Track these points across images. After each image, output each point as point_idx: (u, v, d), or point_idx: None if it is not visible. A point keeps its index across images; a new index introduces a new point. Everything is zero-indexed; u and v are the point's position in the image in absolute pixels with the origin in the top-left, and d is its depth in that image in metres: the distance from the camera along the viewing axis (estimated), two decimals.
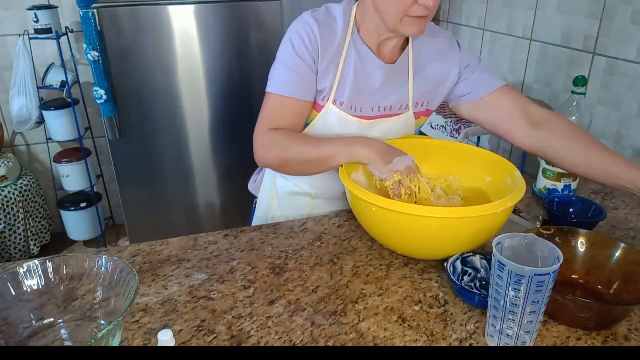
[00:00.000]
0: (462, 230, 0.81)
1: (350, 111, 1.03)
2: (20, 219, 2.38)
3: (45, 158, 2.64)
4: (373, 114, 1.05)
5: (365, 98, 1.03)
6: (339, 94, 1.01)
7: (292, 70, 0.98)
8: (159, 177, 2.23)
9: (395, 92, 1.05)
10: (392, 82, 1.04)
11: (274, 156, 1.00)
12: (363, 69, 1.01)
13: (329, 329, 0.74)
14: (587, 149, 0.99)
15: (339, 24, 1.00)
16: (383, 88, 1.03)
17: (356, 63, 1.01)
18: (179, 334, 0.73)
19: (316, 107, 1.03)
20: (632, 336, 0.72)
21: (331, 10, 1.01)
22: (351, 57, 1.00)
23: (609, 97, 1.71)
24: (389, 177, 0.91)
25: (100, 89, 1.95)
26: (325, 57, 0.99)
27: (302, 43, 0.97)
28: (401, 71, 1.05)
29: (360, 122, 1.04)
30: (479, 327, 0.74)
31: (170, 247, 0.96)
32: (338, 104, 1.02)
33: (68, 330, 0.71)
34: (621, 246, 0.80)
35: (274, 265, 0.90)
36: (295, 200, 1.16)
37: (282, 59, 1.00)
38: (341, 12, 1.01)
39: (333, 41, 0.99)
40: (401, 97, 1.06)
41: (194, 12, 2.00)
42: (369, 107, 1.04)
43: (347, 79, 1.01)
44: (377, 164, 0.92)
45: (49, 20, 2.21)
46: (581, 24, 1.79)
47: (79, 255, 0.73)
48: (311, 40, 0.97)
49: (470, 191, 1.02)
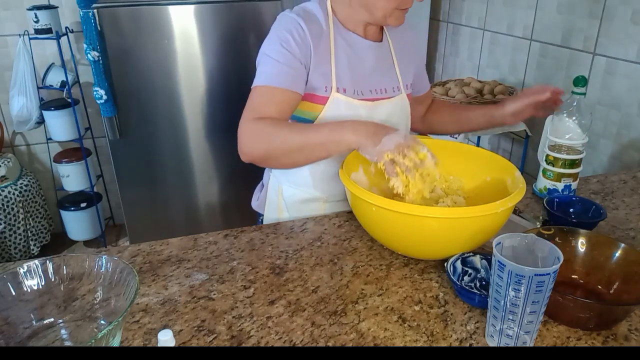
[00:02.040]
0: (462, 230, 0.81)
1: (354, 96, 1.05)
2: (20, 219, 2.38)
3: (45, 158, 2.64)
4: (373, 96, 1.08)
5: (364, 81, 1.07)
6: (339, 82, 1.03)
7: (281, 63, 0.98)
8: (159, 177, 2.23)
9: (386, 73, 1.11)
10: (382, 61, 1.10)
11: (258, 146, 0.95)
12: (355, 54, 1.06)
13: (329, 329, 0.74)
14: (453, 111, 1.32)
15: (320, 17, 1.04)
16: (377, 68, 1.09)
17: (346, 50, 1.05)
18: (179, 334, 0.73)
19: (320, 100, 1.03)
20: (632, 336, 0.72)
21: (307, 8, 1.06)
22: (340, 45, 1.04)
23: (609, 97, 1.71)
24: (380, 158, 0.87)
25: (100, 89, 1.95)
26: (318, 49, 1.01)
27: (292, 38, 0.99)
28: (386, 51, 1.12)
29: (365, 104, 1.06)
30: (479, 327, 0.74)
31: (170, 247, 0.96)
32: (342, 91, 1.04)
33: (68, 330, 0.71)
34: (621, 246, 0.80)
35: (274, 265, 0.90)
36: (306, 208, 1.14)
37: (270, 54, 0.99)
38: (317, 6, 1.05)
39: (320, 33, 1.02)
40: (392, 79, 1.12)
41: (194, 12, 2.00)
42: (368, 89, 1.08)
43: (343, 66, 1.04)
44: (367, 147, 0.89)
45: (49, 20, 2.21)
46: (581, 24, 1.79)
47: (79, 255, 0.72)
48: (300, 35, 0.99)
49: (470, 191, 1.02)
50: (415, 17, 2.46)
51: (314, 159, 0.98)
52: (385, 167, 0.87)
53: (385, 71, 1.11)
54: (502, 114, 1.16)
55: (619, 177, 1.28)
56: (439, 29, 2.75)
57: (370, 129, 0.90)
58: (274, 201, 1.19)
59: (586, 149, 1.11)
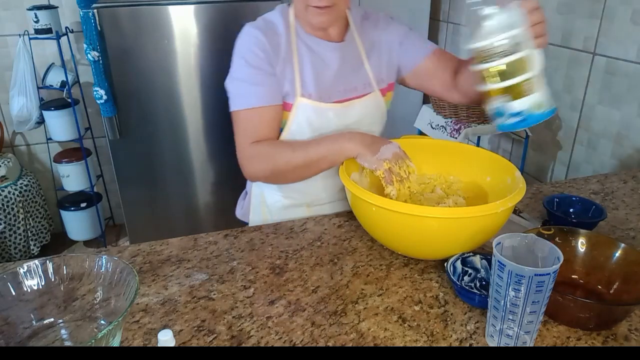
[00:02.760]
0: (462, 230, 0.81)
1: (321, 100, 1.04)
2: (20, 219, 2.38)
3: (45, 158, 2.64)
4: (342, 97, 1.07)
5: (330, 83, 1.06)
6: (304, 87, 1.03)
7: (251, 83, 1.00)
8: (159, 177, 2.23)
9: (354, 70, 1.09)
10: (348, 60, 1.08)
11: (263, 168, 1.01)
12: (318, 57, 1.05)
13: (329, 329, 0.74)
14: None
15: (279, 25, 1.04)
16: (342, 68, 1.07)
17: (310, 54, 1.05)
18: (179, 334, 0.73)
19: (286, 107, 1.04)
20: (632, 336, 0.72)
21: (267, 17, 1.07)
22: (302, 50, 1.04)
23: (609, 97, 1.71)
24: (379, 167, 0.92)
25: (100, 89, 1.95)
26: (279, 58, 1.02)
27: (253, 53, 1.00)
28: (352, 49, 1.09)
29: (334, 107, 1.05)
30: (479, 327, 0.74)
31: (170, 247, 0.96)
32: (307, 95, 1.03)
33: (68, 330, 0.71)
34: (621, 246, 0.80)
35: (274, 265, 0.90)
36: (290, 213, 1.16)
37: (238, 76, 1.02)
38: (278, 15, 1.06)
39: (279, 41, 1.03)
40: (362, 75, 1.10)
41: (194, 12, 2.00)
42: (336, 91, 1.07)
43: (306, 71, 1.03)
44: (365, 156, 0.94)
45: (49, 20, 2.21)
46: (581, 24, 1.79)
47: (79, 255, 0.72)
48: (260, 47, 1.00)
49: (470, 191, 1.02)
50: (415, 17, 2.46)
51: (318, 172, 1.02)
52: (384, 175, 0.92)
53: (352, 69, 1.08)
54: None
55: (619, 177, 1.28)
56: (439, 29, 2.75)
57: (368, 140, 0.96)
58: (257, 208, 1.20)
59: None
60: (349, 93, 1.08)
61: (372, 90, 1.11)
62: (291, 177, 1.04)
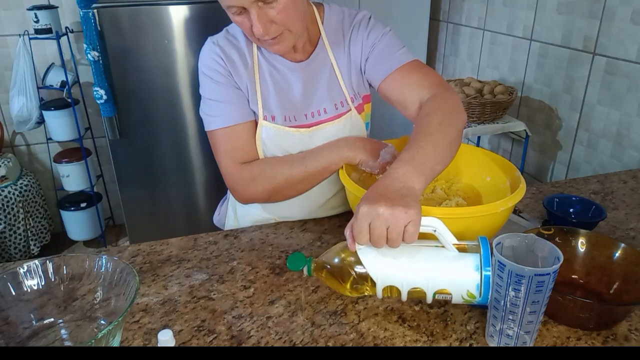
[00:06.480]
0: (462, 230, 0.81)
1: (285, 123, 0.98)
2: (20, 219, 2.38)
3: (45, 158, 2.64)
4: (309, 121, 0.99)
5: (294, 105, 0.98)
6: (266, 109, 0.97)
7: (219, 101, 0.96)
8: (159, 177, 2.23)
9: (324, 90, 0.99)
10: (314, 79, 0.99)
11: (262, 190, 0.97)
12: (280, 76, 0.98)
13: (329, 329, 0.74)
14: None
15: (240, 39, 0.98)
16: (308, 88, 0.98)
17: (271, 72, 0.98)
18: (179, 334, 0.73)
19: (255, 124, 0.99)
20: (632, 336, 0.72)
21: (230, 30, 1.00)
22: (265, 70, 0.98)
23: (609, 97, 1.71)
24: (382, 171, 0.92)
25: (100, 89, 1.95)
26: (239, 74, 0.96)
27: (215, 71, 0.95)
28: (320, 67, 0.99)
29: (299, 132, 0.98)
30: (479, 327, 0.74)
31: (170, 247, 0.96)
32: (270, 118, 0.97)
33: (68, 330, 0.71)
34: (621, 246, 0.80)
35: (274, 265, 0.90)
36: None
37: (205, 95, 0.98)
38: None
39: (239, 57, 0.96)
40: (334, 95, 1.00)
41: (194, 12, 2.00)
42: (302, 114, 0.99)
43: (268, 91, 0.97)
44: (368, 161, 0.94)
45: (49, 20, 2.21)
46: (581, 24, 1.79)
47: (79, 255, 0.73)
48: (220, 63, 0.95)
49: (471, 191, 1.02)
50: (415, 17, 2.46)
51: (319, 182, 0.99)
52: None
53: (321, 89, 0.99)
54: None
55: (619, 177, 1.27)
56: (439, 29, 2.75)
57: (368, 146, 0.95)
58: (231, 218, 1.18)
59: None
60: (317, 115, 0.99)
61: (347, 110, 1.01)
62: (290, 194, 1.00)
